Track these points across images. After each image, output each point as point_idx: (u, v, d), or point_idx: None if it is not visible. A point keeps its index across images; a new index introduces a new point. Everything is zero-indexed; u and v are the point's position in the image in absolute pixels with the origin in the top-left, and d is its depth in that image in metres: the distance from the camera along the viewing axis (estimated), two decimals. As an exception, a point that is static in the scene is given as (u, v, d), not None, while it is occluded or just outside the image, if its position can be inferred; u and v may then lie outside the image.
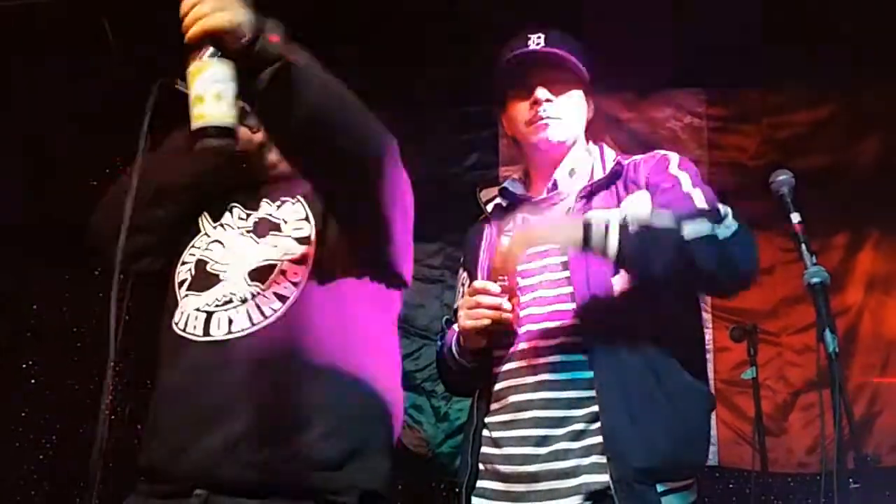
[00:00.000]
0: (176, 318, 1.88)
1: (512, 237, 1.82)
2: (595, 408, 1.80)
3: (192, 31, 1.51)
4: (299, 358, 1.79)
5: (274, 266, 1.86)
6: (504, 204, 2.14)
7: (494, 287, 1.87)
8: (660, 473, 1.76)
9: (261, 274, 1.85)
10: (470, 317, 1.89)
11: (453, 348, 2.05)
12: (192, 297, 1.88)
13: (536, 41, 2.01)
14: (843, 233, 4.07)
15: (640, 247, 1.72)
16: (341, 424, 1.77)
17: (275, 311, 1.81)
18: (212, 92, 1.50)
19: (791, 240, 2.00)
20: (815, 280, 1.89)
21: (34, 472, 4.01)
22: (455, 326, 2.05)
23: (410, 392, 4.22)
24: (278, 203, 1.95)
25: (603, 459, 1.76)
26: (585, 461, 1.78)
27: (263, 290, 1.83)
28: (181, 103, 1.59)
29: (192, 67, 1.52)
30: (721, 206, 1.83)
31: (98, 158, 3.90)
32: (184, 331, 1.85)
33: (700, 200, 1.84)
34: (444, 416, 4.18)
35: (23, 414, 4.01)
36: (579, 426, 1.80)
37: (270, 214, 1.94)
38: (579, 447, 1.79)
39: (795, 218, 1.99)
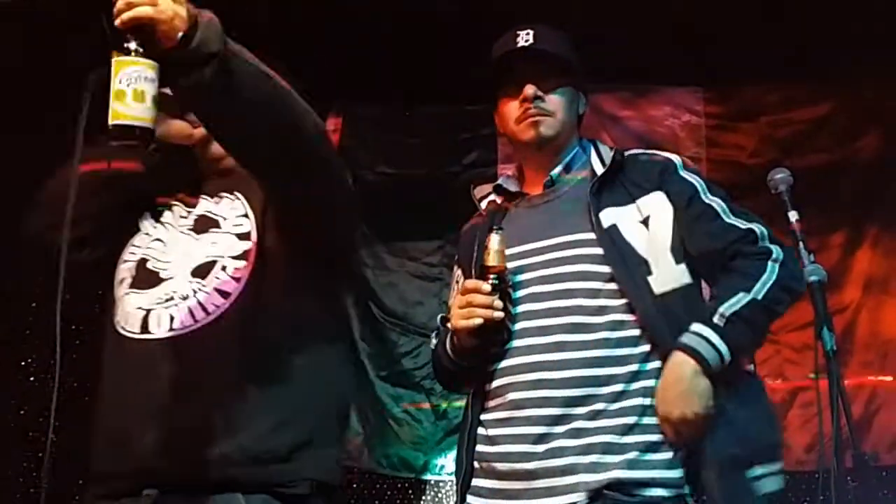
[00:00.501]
0: (117, 317, 1.88)
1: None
2: (597, 406, 1.80)
3: (123, 18, 1.47)
4: (244, 353, 1.79)
5: (215, 262, 1.86)
6: (499, 200, 2.14)
7: (485, 286, 1.86)
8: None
9: (202, 271, 1.85)
10: (462, 316, 1.88)
11: (447, 347, 2.04)
12: (134, 295, 1.88)
13: (525, 38, 2.02)
14: (841, 231, 4.07)
15: (743, 335, 1.78)
16: (289, 417, 1.78)
17: (217, 307, 1.81)
18: (133, 89, 1.48)
19: (789, 238, 2.00)
20: (812, 278, 1.90)
21: (33, 470, 4.00)
22: (450, 324, 2.05)
23: (410, 390, 4.23)
24: (216, 199, 1.95)
25: (603, 459, 1.76)
26: (584, 459, 1.77)
27: (205, 287, 1.83)
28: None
29: (117, 59, 1.50)
30: (756, 227, 1.90)
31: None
32: (124, 329, 1.85)
33: (744, 225, 1.90)
34: (443, 414, 4.18)
35: (21, 412, 4.00)
36: (579, 424, 1.80)
37: (209, 211, 1.93)
38: (578, 445, 1.79)
39: (793, 216, 2.00)
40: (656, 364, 1.84)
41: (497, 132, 4.23)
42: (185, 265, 1.87)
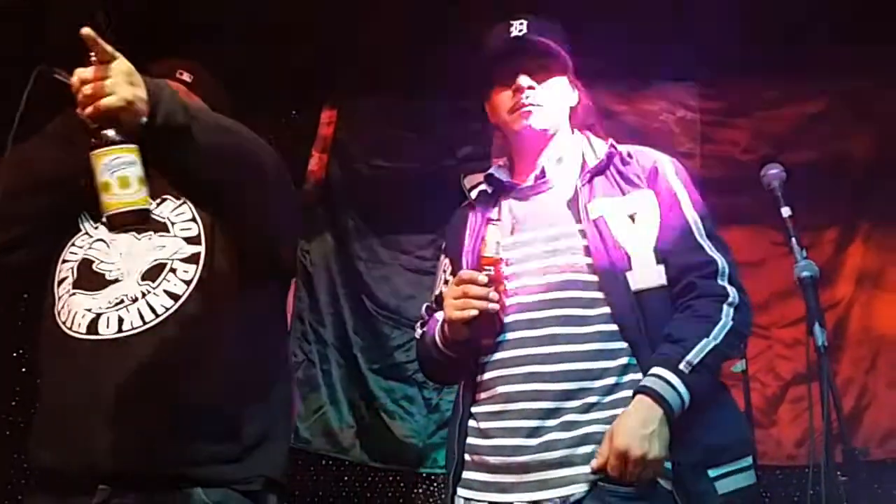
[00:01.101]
0: (62, 317, 1.88)
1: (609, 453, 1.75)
2: (589, 398, 1.80)
3: (87, 112, 1.51)
4: (193, 353, 1.82)
5: (164, 265, 1.88)
6: (489, 191, 2.13)
7: (481, 277, 1.86)
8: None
9: (152, 274, 1.88)
10: (456, 307, 1.87)
11: (437, 337, 2.02)
12: (82, 296, 1.89)
13: (519, 28, 2.01)
14: (834, 227, 4.08)
15: (705, 383, 1.77)
16: (240, 416, 1.82)
17: (167, 308, 1.83)
18: (117, 177, 1.52)
19: (782, 234, 2.01)
20: (805, 274, 1.91)
21: (24, 461, 4.00)
22: (437, 315, 2.04)
23: (402, 383, 4.22)
24: (158, 199, 1.96)
25: (596, 450, 1.76)
26: (578, 451, 1.77)
27: (154, 289, 1.85)
28: (60, 92, 1.60)
29: (94, 152, 1.54)
30: (720, 259, 1.88)
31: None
32: (70, 329, 1.85)
33: (710, 253, 1.88)
34: (435, 407, 4.18)
35: (13, 403, 3.99)
36: (572, 416, 1.79)
37: (151, 212, 1.95)
38: (571, 437, 1.78)
39: (786, 212, 2.01)
40: None
41: (492, 125, 4.29)
42: (134, 267, 1.89)
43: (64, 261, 1.96)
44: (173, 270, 1.87)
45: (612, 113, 4.32)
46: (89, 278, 1.90)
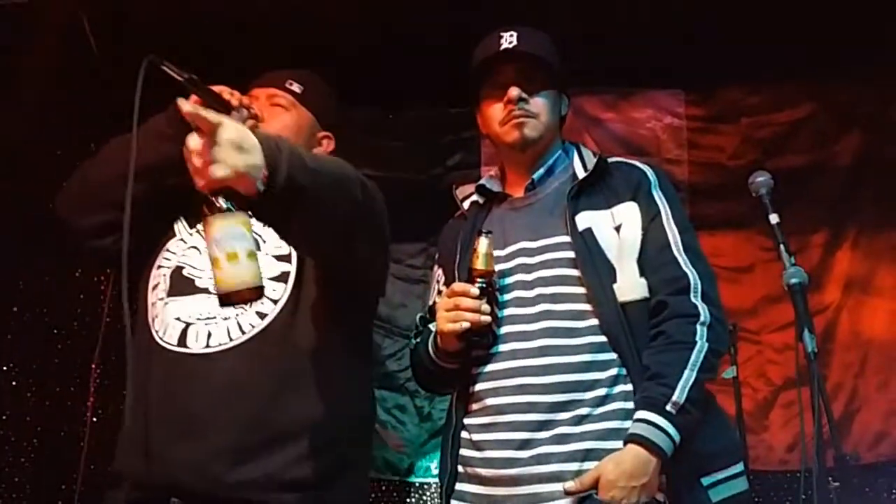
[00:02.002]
0: (155, 326, 1.87)
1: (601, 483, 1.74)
2: (581, 411, 1.80)
3: (200, 185, 1.44)
4: (277, 375, 1.79)
5: None
6: (481, 201, 2.14)
7: (473, 290, 1.86)
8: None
9: None
10: (449, 319, 1.88)
11: (430, 348, 2.03)
12: (172, 303, 1.88)
13: (509, 40, 2.02)
14: (821, 232, 4.09)
15: (693, 420, 1.77)
16: (318, 446, 1.78)
17: (253, 326, 1.82)
18: (225, 253, 1.45)
19: (771, 240, 2.02)
20: (793, 281, 1.92)
21: (15, 476, 3.98)
22: (431, 325, 2.04)
23: (394, 392, 4.22)
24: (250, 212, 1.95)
25: (586, 466, 1.76)
26: (571, 467, 1.77)
27: (246, 310, 1.84)
28: (164, 84, 1.57)
29: (204, 224, 1.48)
30: (692, 275, 1.87)
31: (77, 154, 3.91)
32: (161, 338, 1.84)
33: (684, 268, 1.88)
34: (427, 416, 4.18)
35: (3, 417, 3.97)
36: (564, 429, 1.80)
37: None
38: (564, 451, 1.79)
39: (774, 219, 2.02)
40: None
41: (480, 134, 4.30)
42: None
43: (158, 266, 1.95)
44: None
45: (600, 120, 4.34)
46: (181, 285, 1.89)
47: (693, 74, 4.24)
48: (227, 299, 1.48)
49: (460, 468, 1.94)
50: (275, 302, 1.85)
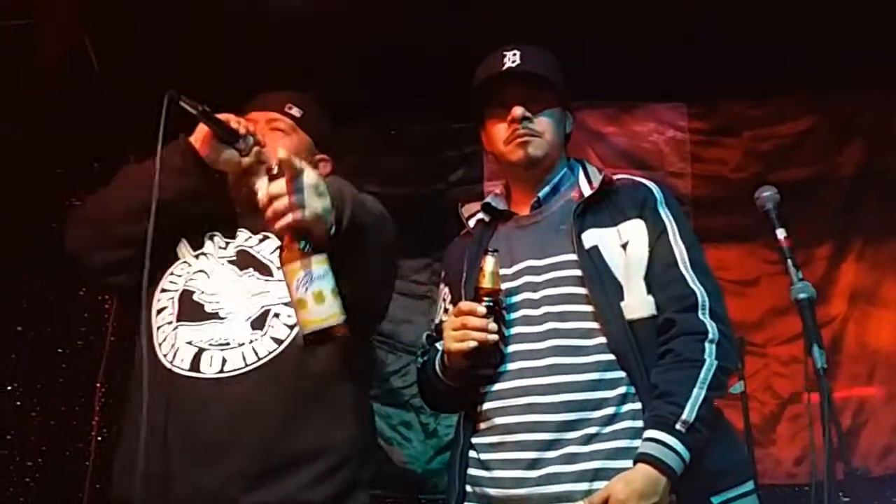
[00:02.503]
0: (163, 350, 1.86)
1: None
2: (589, 430, 1.79)
3: (276, 228, 1.52)
4: (291, 399, 1.80)
5: (269, 311, 1.87)
6: (487, 219, 2.14)
7: (480, 308, 1.86)
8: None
9: (260, 322, 1.87)
10: (455, 339, 1.87)
11: (437, 367, 2.02)
12: (183, 328, 1.87)
13: (512, 59, 2.02)
14: (826, 244, 4.08)
15: (703, 438, 1.76)
16: (332, 467, 1.79)
17: (270, 352, 1.82)
18: (312, 293, 1.53)
19: (776, 253, 2.01)
20: (801, 296, 1.91)
21: (20, 496, 3.97)
22: (438, 344, 2.04)
23: (399, 409, 4.21)
24: (260, 236, 1.95)
25: (595, 486, 1.75)
26: (580, 487, 1.76)
27: (262, 336, 1.85)
28: (178, 120, 1.59)
29: (286, 267, 1.55)
30: (700, 292, 1.87)
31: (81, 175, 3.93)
32: (172, 363, 1.84)
33: (691, 285, 1.88)
34: (432, 433, 4.16)
35: (8, 437, 3.97)
36: (573, 448, 1.79)
37: (253, 248, 1.94)
38: (573, 471, 1.78)
39: (781, 234, 2.00)
40: None
41: (483, 149, 4.30)
42: (240, 309, 1.88)
43: (163, 290, 1.95)
44: (277, 315, 1.87)
45: (602, 134, 4.34)
46: (191, 310, 1.89)
47: (695, 87, 4.25)
48: (313, 338, 1.55)
49: (468, 488, 1.93)
50: (290, 327, 1.85)
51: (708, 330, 1.82)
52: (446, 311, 2.07)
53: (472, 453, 1.94)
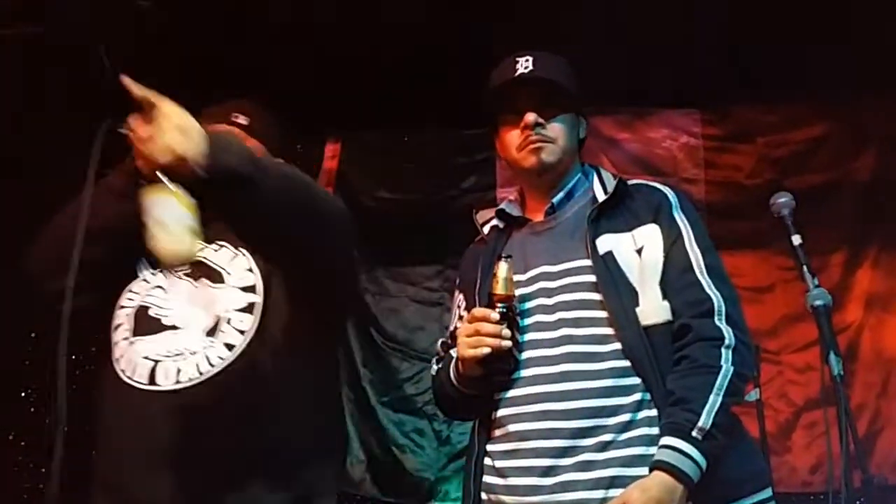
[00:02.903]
0: (121, 365, 1.88)
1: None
2: (604, 437, 1.78)
3: (144, 166, 1.54)
4: (246, 405, 1.80)
5: (221, 318, 1.87)
6: (501, 226, 2.14)
7: (493, 315, 1.85)
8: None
9: (213, 329, 1.87)
10: (469, 345, 1.86)
11: (451, 374, 2.01)
12: (139, 343, 1.89)
13: (525, 65, 2.01)
14: (841, 250, 4.07)
15: (719, 445, 1.74)
16: (288, 472, 1.79)
17: (222, 359, 1.83)
18: (163, 222, 1.53)
19: (790, 260, 2.00)
20: (818, 303, 1.90)
21: (34, 501, 3.99)
22: (453, 351, 2.03)
23: (412, 416, 4.21)
24: (216, 246, 1.96)
25: (611, 494, 1.74)
26: (596, 495, 1.75)
27: (214, 343, 1.85)
28: (122, 146, 1.61)
29: (146, 195, 1.56)
30: (716, 298, 1.85)
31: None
32: (130, 378, 1.85)
33: (707, 291, 1.86)
34: (445, 440, 4.16)
35: (22, 443, 3.99)
36: (588, 456, 1.77)
37: (207, 258, 1.94)
38: (588, 479, 1.76)
39: (797, 240, 2.00)
40: None
41: (496, 155, 4.30)
42: (195, 320, 1.88)
43: (121, 307, 1.96)
44: (228, 321, 1.87)
45: (616, 141, 4.34)
46: (147, 324, 1.90)
47: (708, 94, 4.24)
48: (161, 262, 1.60)
49: (483, 495, 1.92)
50: (242, 333, 1.85)
51: (724, 335, 1.80)
52: (461, 317, 2.06)
53: (486, 461, 1.93)
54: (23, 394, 4.03)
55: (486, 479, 1.92)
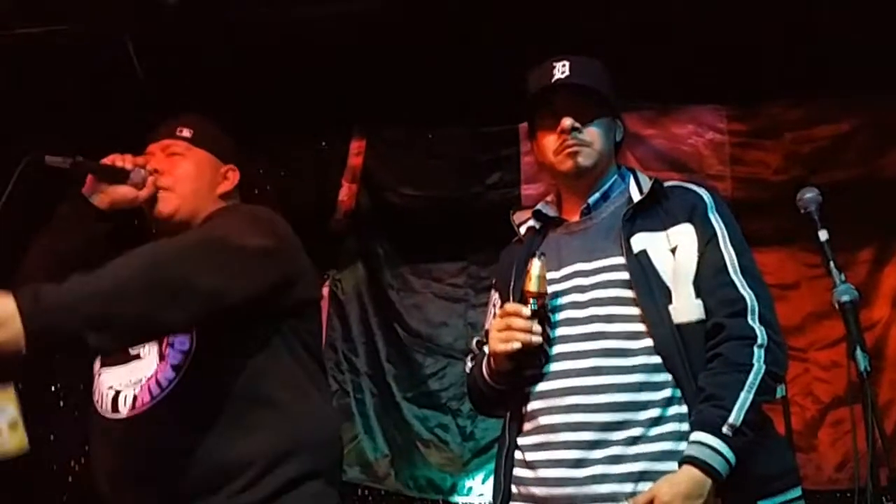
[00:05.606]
0: (95, 397, 1.96)
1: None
2: (634, 431, 1.80)
3: None
4: (200, 422, 1.83)
5: (165, 341, 1.89)
6: (537, 226, 2.15)
7: (525, 310, 1.87)
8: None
9: (162, 353, 1.90)
10: (500, 339, 1.89)
11: (483, 370, 2.04)
12: (105, 373, 1.96)
13: (562, 70, 2.03)
14: (868, 247, 4.04)
15: (749, 442, 1.75)
16: (263, 470, 1.82)
17: (170, 381, 1.86)
18: None
19: (817, 256, 1.99)
20: (844, 298, 1.89)
21: (62, 493, 4.03)
22: (486, 348, 2.05)
23: (436, 411, 4.22)
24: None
25: (639, 488, 1.76)
26: (625, 488, 1.77)
27: (163, 367, 1.88)
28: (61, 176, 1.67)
29: None
30: (749, 297, 1.86)
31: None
32: (100, 408, 1.93)
33: (741, 290, 1.87)
34: (469, 435, 4.17)
35: (52, 437, 4.03)
36: (617, 450, 1.80)
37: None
38: (619, 473, 1.78)
39: (823, 235, 1.99)
40: None
41: (521, 152, 4.31)
42: (154, 349, 1.92)
43: None
44: (171, 345, 1.89)
45: (641, 137, 4.32)
46: (113, 355, 1.95)
47: (734, 89, 4.22)
48: None
49: (514, 488, 1.94)
50: (184, 354, 1.87)
51: (757, 335, 1.81)
52: (496, 315, 2.09)
53: (517, 454, 1.95)
54: (52, 388, 4.08)
55: (517, 471, 1.94)
